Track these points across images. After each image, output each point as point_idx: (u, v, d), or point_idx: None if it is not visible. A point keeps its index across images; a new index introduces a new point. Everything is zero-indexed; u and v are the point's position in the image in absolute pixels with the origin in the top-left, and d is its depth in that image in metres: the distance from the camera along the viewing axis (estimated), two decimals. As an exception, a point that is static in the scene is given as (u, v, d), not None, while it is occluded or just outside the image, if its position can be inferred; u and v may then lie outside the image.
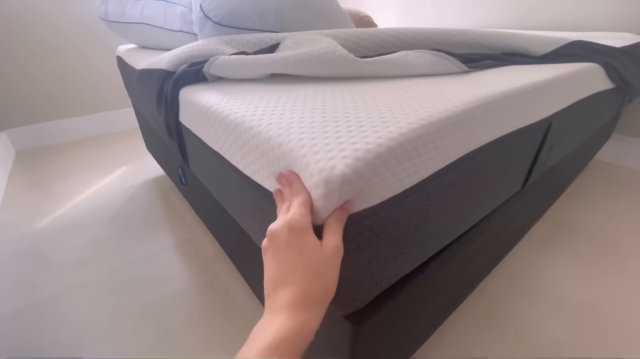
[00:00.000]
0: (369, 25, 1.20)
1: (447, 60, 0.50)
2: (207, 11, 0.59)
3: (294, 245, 0.28)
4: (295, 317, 0.25)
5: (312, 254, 0.27)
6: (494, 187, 0.49)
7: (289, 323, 0.25)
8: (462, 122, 0.36)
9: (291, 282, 0.27)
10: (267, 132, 0.33)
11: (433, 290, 0.49)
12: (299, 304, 0.26)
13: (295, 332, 0.24)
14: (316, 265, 0.27)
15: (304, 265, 0.27)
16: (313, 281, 0.27)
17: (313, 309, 0.26)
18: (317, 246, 0.28)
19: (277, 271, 0.28)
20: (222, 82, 0.52)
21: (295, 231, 0.28)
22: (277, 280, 0.28)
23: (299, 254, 0.27)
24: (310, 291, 0.27)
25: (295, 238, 0.28)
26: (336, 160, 0.28)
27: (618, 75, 0.73)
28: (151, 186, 1.29)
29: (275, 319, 0.25)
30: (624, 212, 1.06)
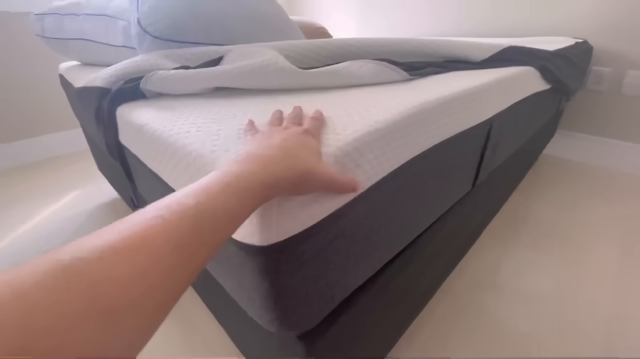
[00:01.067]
0: (323, 36, 1.22)
1: (390, 69, 0.51)
2: (145, 25, 0.57)
3: (303, 139, 0.29)
4: (269, 167, 0.24)
5: (312, 153, 0.28)
6: (442, 189, 0.50)
7: (264, 169, 0.24)
8: (400, 130, 0.36)
9: (276, 148, 0.26)
10: (199, 149, 0.32)
11: (391, 297, 0.49)
12: (273, 162, 0.25)
13: (267, 182, 0.23)
14: (306, 155, 0.27)
15: (296, 148, 0.27)
16: (294, 157, 0.26)
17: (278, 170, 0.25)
18: (317, 150, 0.29)
19: (270, 145, 0.27)
20: (162, 98, 0.50)
21: (309, 134, 0.30)
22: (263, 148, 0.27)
23: (303, 146, 0.28)
24: (289, 164, 0.26)
25: (307, 137, 0.29)
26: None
27: (553, 76, 0.79)
28: (105, 210, 1.21)
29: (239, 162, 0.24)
30: (572, 202, 1.14)
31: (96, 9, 0.86)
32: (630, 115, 1.33)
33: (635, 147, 1.35)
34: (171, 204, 0.19)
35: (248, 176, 0.22)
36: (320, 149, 0.29)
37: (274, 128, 0.31)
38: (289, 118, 0.34)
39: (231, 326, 0.57)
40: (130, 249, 0.16)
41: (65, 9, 0.91)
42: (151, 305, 0.16)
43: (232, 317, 0.53)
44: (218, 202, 0.20)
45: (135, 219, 0.17)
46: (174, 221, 0.18)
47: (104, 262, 0.15)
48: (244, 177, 0.22)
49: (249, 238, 0.27)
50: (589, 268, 0.84)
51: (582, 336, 0.66)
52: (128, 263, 0.15)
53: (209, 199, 0.20)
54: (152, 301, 0.16)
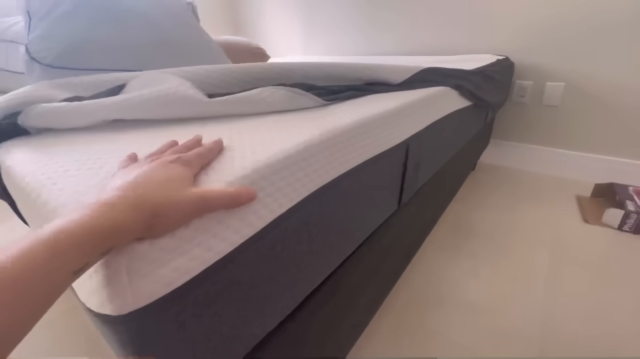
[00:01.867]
0: (260, 57, 1.21)
1: (302, 95, 0.50)
2: (34, 53, 0.51)
3: (169, 168, 0.27)
4: (114, 214, 0.21)
5: (179, 181, 0.26)
6: (361, 215, 0.50)
7: (101, 216, 0.21)
8: (298, 163, 0.35)
9: (140, 188, 0.24)
10: (53, 200, 0.27)
11: (320, 327, 0.47)
12: (128, 205, 0.22)
13: (103, 230, 0.20)
14: (175, 191, 0.25)
15: (164, 181, 0.25)
16: (160, 194, 0.24)
17: (138, 213, 0.22)
18: (189, 180, 0.27)
19: (132, 176, 0.25)
20: (48, 134, 0.44)
21: (179, 163, 0.28)
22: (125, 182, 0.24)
23: (167, 176, 0.26)
24: (149, 198, 0.23)
25: (175, 167, 0.27)
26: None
27: (471, 94, 0.84)
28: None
29: (95, 206, 0.21)
30: (507, 208, 1.21)
31: (-5, 31, 0.77)
32: (551, 123, 1.46)
33: (557, 151, 1.48)
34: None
35: (72, 227, 0.19)
36: (190, 176, 0.27)
37: (142, 162, 0.29)
38: (175, 148, 0.32)
39: None
40: None
41: (-40, 31, 0.81)
42: None
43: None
44: (32, 263, 0.17)
45: None
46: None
47: None
48: (66, 228, 0.19)
49: (102, 308, 0.23)
50: (522, 272, 0.88)
51: (518, 342, 0.68)
52: None
53: (22, 258, 0.17)
54: None
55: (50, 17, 0.55)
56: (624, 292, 0.80)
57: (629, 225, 1.04)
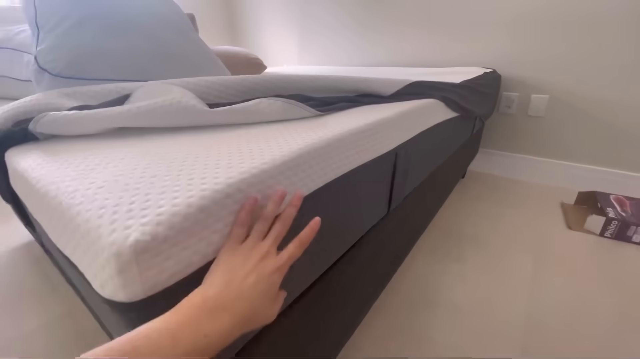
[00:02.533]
0: (257, 67, 1.25)
1: (297, 106, 0.54)
2: (43, 63, 0.54)
3: (271, 283, 0.30)
4: (231, 331, 0.26)
5: (271, 300, 0.31)
6: (351, 218, 0.53)
7: (226, 333, 0.26)
8: (291, 169, 0.38)
9: (244, 303, 0.28)
10: (69, 199, 0.30)
11: (310, 326, 0.49)
12: (240, 324, 0.27)
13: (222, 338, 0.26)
14: (264, 311, 0.30)
15: (261, 299, 0.29)
16: (254, 320, 0.29)
17: (242, 326, 0.28)
18: (277, 296, 0.33)
19: (246, 286, 0.28)
20: (56, 140, 0.47)
21: (279, 273, 0.31)
22: (238, 292, 0.28)
23: (267, 292, 0.30)
24: (250, 324, 0.29)
25: (276, 279, 0.31)
26: (134, 227, 0.26)
27: (457, 105, 0.88)
28: (19, 254, 1.08)
29: (220, 315, 0.26)
30: (494, 215, 1.25)
31: (1, 41, 0.80)
32: (536, 133, 1.52)
33: (542, 160, 1.53)
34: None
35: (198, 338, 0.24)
36: (279, 281, 0.32)
37: (249, 252, 0.31)
38: (257, 229, 0.33)
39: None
40: None
41: (-35, 39, 0.84)
42: None
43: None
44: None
45: None
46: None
47: None
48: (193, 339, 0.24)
49: (114, 295, 0.26)
50: (507, 276, 0.92)
51: (502, 342, 0.71)
52: None
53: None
54: None
55: (58, 29, 0.58)
56: (604, 295, 0.84)
57: (610, 231, 1.08)
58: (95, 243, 0.26)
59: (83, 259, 0.30)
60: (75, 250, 0.31)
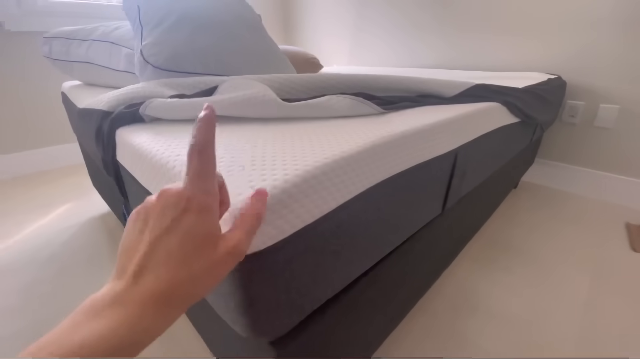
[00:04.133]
0: (314, 66, 1.30)
1: (364, 103, 0.57)
2: (147, 56, 0.63)
3: (183, 228, 0.22)
4: (139, 320, 0.20)
5: (199, 250, 0.22)
6: (409, 212, 0.55)
7: (127, 325, 0.20)
8: (365, 159, 0.41)
9: (161, 272, 0.21)
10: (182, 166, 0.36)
11: (362, 310, 0.53)
12: (153, 305, 0.21)
13: (130, 341, 0.20)
14: (200, 263, 0.22)
15: (182, 257, 0.22)
16: (186, 282, 0.22)
17: (166, 315, 0.21)
18: (212, 240, 0.23)
19: (144, 250, 0.22)
20: (159, 122, 0.55)
21: (194, 211, 0.22)
22: (139, 262, 0.22)
23: (181, 243, 0.22)
24: (179, 290, 0.22)
25: (192, 220, 0.22)
26: (244, 195, 0.31)
27: (520, 111, 0.86)
28: (96, 224, 1.23)
29: (114, 310, 0.20)
30: (548, 229, 1.19)
31: (101, 35, 0.92)
32: (602, 145, 1.42)
33: (607, 175, 1.43)
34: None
35: (98, 347, 0.19)
36: (210, 227, 0.23)
37: (143, 210, 0.24)
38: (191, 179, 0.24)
39: (206, 331, 0.60)
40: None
41: (72, 34, 0.98)
42: None
43: (208, 322, 0.56)
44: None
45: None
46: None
47: None
48: (92, 350, 0.19)
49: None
50: (561, 293, 0.88)
51: (550, 355, 0.69)
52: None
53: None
54: None
55: (160, 27, 0.67)
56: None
57: (684, 258, 0.99)
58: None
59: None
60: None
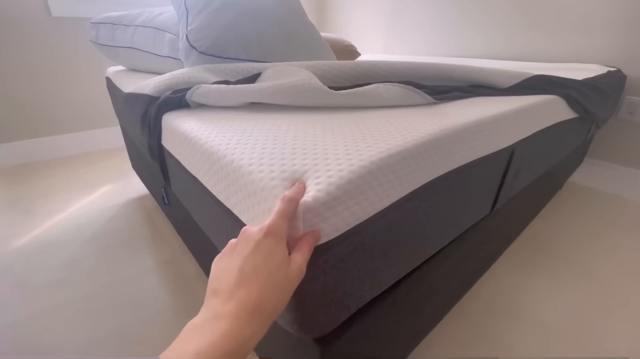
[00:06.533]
0: (352, 53, 1.26)
1: (415, 92, 0.54)
2: (192, 41, 0.62)
3: (264, 250, 0.26)
4: (239, 329, 0.23)
5: (278, 265, 0.26)
6: (459, 212, 0.52)
7: (231, 334, 0.22)
8: (422, 154, 0.39)
9: (247, 287, 0.25)
10: (238, 160, 0.35)
11: (404, 311, 0.51)
12: (248, 314, 0.24)
13: (236, 347, 0.22)
14: (278, 278, 0.26)
15: (267, 273, 0.26)
16: (270, 294, 0.25)
17: (259, 323, 0.24)
18: (285, 259, 0.27)
19: (236, 271, 0.26)
20: (204, 108, 0.54)
21: (270, 236, 0.27)
22: (233, 280, 0.25)
23: (266, 261, 0.26)
24: (264, 304, 0.25)
25: (268, 243, 0.27)
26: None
27: (580, 105, 0.79)
28: (135, 205, 1.28)
29: (217, 323, 0.23)
30: (597, 234, 1.10)
31: (145, 21, 0.93)
32: (664, 147, 1.29)
33: (668, 180, 1.30)
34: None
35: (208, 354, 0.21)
36: (284, 252, 0.28)
37: (231, 245, 0.29)
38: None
39: None
40: None
41: (118, 20, 1.00)
42: None
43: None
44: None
45: None
46: None
47: None
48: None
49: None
50: (610, 304, 0.81)
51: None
52: None
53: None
54: None
55: (204, 12, 0.66)
56: None
57: None
58: (266, 199, 0.31)
59: (243, 207, 0.35)
60: (236, 200, 0.36)
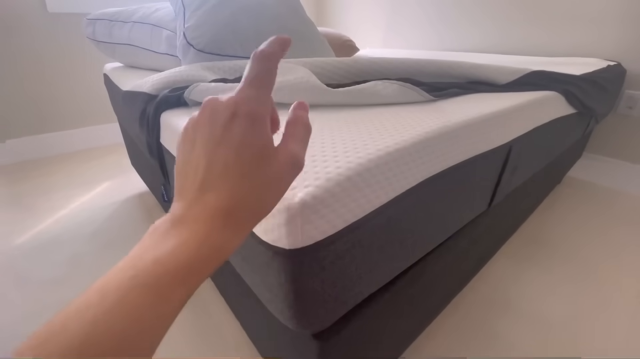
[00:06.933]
0: (350, 49, 1.26)
1: (413, 90, 0.54)
2: (190, 39, 0.62)
3: (235, 138, 0.20)
4: (206, 237, 0.19)
5: (256, 158, 0.20)
6: (457, 208, 0.53)
7: (196, 242, 0.18)
8: (419, 152, 0.39)
9: (216, 189, 0.20)
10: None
11: (401, 306, 0.51)
12: (218, 219, 0.19)
13: (201, 257, 0.18)
14: (258, 175, 0.20)
15: (239, 170, 0.20)
16: (246, 195, 0.20)
17: (234, 231, 0.20)
18: (266, 147, 0.21)
19: (201, 167, 0.20)
20: (202, 107, 0.54)
21: (241, 117, 0.20)
22: (198, 179, 0.20)
23: (237, 154, 0.20)
24: (238, 208, 0.20)
25: (239, 127, 0.20)
26: (298, 189, 0.30)
27: (578, 101, 0.79)
28: (135, 202, 1.29)
29: (180, 228, 0.19)
30: (595, 228, 1.11)
31: (142, 17, 0.93)
32: (663, 141, 1.29)
33: (666, 175, 1.30)
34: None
35: (173, 264, 0.17)
36: (265, 131, 0.21)
37: (191, 125, 0.22)
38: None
39: (248, 321, 0.61)
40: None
41: (114, 16, 0.99)
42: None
43: (249, 312, 0.57)
44: (137, 313, 0.16)
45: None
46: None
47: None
48: (167, 268, 0.17)
49: (278, 241, 0.31)
50: (607, 298, 0.82)
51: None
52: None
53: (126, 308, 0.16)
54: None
55: (201, 9, 0.66)
56: None
57: None
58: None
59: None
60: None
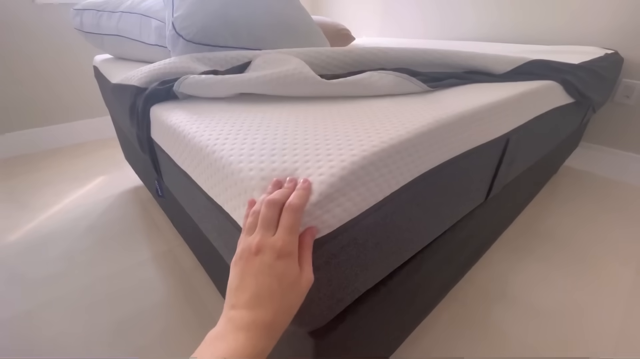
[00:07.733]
0: (346, 38, 1.23)
1: (409, 81, 0.52)
2: (179, 29, 0.60)
3: (278, 273, 0.27)
4: (257, 341, 0.25)
5: (291, 286, 0.27)
6: (454, 202, 0.52)
7: (251, 345, 0.25)
8: (415, 146, 0.38)
9: (264, 307, 0.27)
10: (227, 157, 0.35)
11: (398, 301, 0.51)
12: (264, 330, 0.26)
13: (254, 355, 0.25)
14: (291, 297, 0.28)
15: (281, 295, 0.27)
16: (284, 312, 0.27)
17: (273, 336, 0.27)
18: (297, 276, 0.28)
19: (252, 290, 0.27)
20: (192, 100, 0.53)
21: (283, 258, 0.27)
22: (251, 300, 0.27)
23: (280, 284, 0.27)
24: (278, 321, 0.27)
25: (281, 266, 0.27)
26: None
27: (576, 90, 0.78)
28: (129, 197, 1.27)
29: (235, 335, 0.25)
30: (590, 218, 1.12)
31: (130, 7, 0.90)
32: (660, 130, 1.28)
33: (662, 163, 1.30)
34: None
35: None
36: (296, 270, 0.28)
37: (245, 257, 0.29)
38: (262, 224, 0.29)
39: None
40: None
41: (102, 6, 0.96)
42: None
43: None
44: None
45: None
46: None
47: None
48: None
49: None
50: (602, 286, 0.83)
51: (588, 353, 0.66)
52: None
53: None
54: None
55: (191, -2, 0.63)
56: None
57: None
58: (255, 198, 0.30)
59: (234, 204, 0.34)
60: (227, 196, 0.36)
